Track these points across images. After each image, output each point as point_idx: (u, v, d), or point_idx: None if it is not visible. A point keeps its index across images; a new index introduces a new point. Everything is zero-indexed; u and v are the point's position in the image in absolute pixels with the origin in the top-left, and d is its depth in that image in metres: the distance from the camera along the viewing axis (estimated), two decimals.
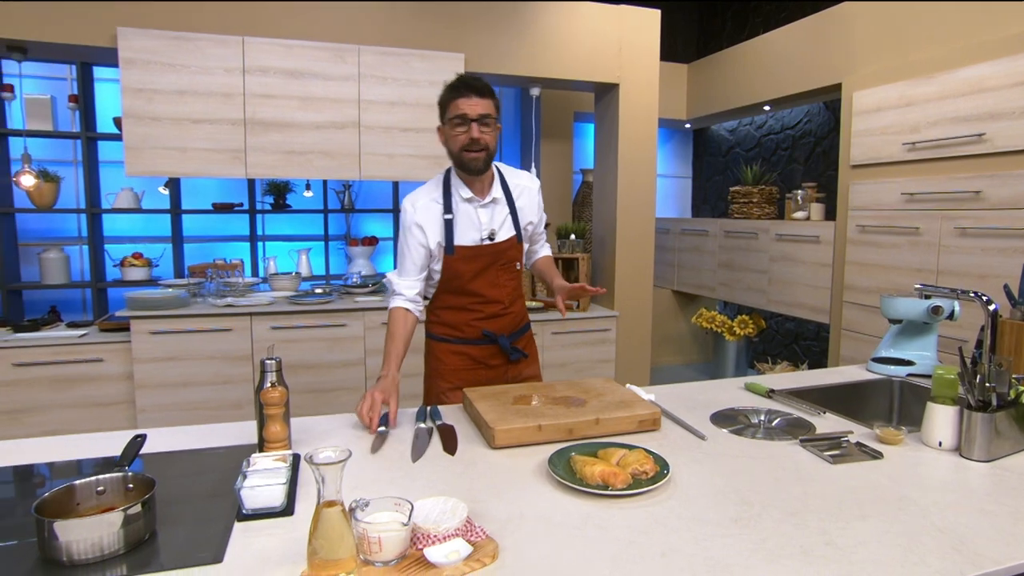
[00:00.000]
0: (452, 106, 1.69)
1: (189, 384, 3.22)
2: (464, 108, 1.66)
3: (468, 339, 1.89)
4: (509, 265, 1.88)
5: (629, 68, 3.84)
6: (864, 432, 1.54)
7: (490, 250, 1.82)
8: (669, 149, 5.61)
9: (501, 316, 1.89)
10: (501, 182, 1.85)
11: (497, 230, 1.82)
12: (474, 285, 1.83)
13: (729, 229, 4.40)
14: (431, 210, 1.79)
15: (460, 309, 1.88)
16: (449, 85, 1.72)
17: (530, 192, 1.90)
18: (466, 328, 1.88)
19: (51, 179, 3.89)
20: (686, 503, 1.16)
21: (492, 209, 1.82)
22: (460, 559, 0.94)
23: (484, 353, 1.91)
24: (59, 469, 1.34)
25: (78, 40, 3.06)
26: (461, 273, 1.81)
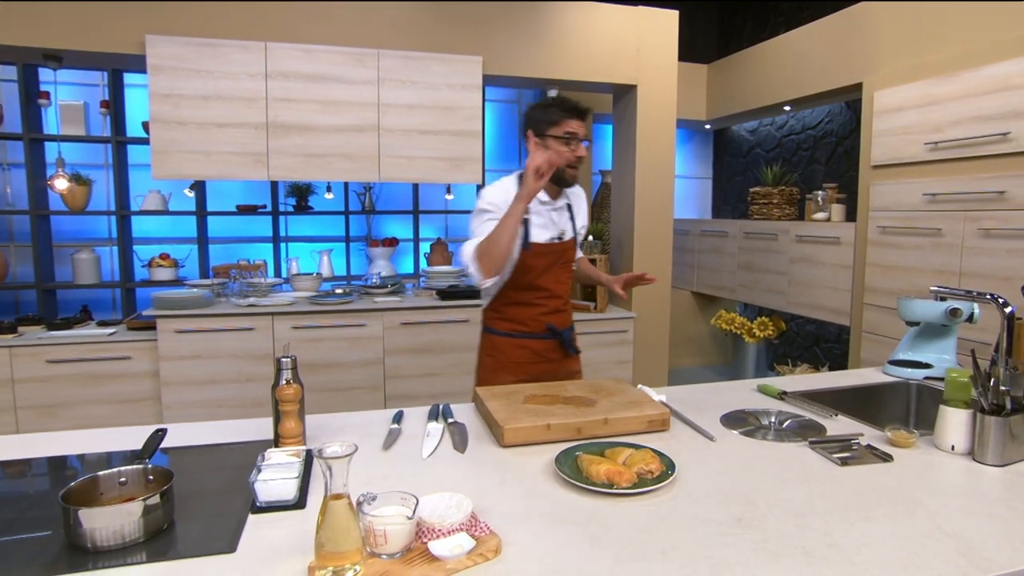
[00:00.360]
0: (565, 124, 1.87)
1: (213, 382, 3.30)
2: (575, 128, 1.87)
3: (532, 333, 2.00)
4: (568, 264, 2.05)
5: (647, 69, 3.84)
6: (876, 435, 1.53)
7: (558, 248, 1.97)
8: (689, 150, 5.58)
9: (562, 311, 2.04)
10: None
11: (564, 230, 2.00)
12: (542, 280, 1.96)
13: (749, 230, 4.36)
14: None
15: (527, 304, 1.99)
16: (560, 104, 1.88)
17: (580, 199, 2.09)
18: (531, 322, 1.99)
19: (83, 182, 4.02)
20: (690, 502, 1.17)
21: (560, 213, 1.99)
22: (463, 553, 0.96)
23: (545, 347, 2.02)
24: (89, 461, 1.40)
25: (109, 48, 3.16)
26: (533, 267, 1.93)
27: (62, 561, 0.98)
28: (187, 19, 3.21)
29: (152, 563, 0.98)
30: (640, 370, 4.04)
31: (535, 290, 1.97)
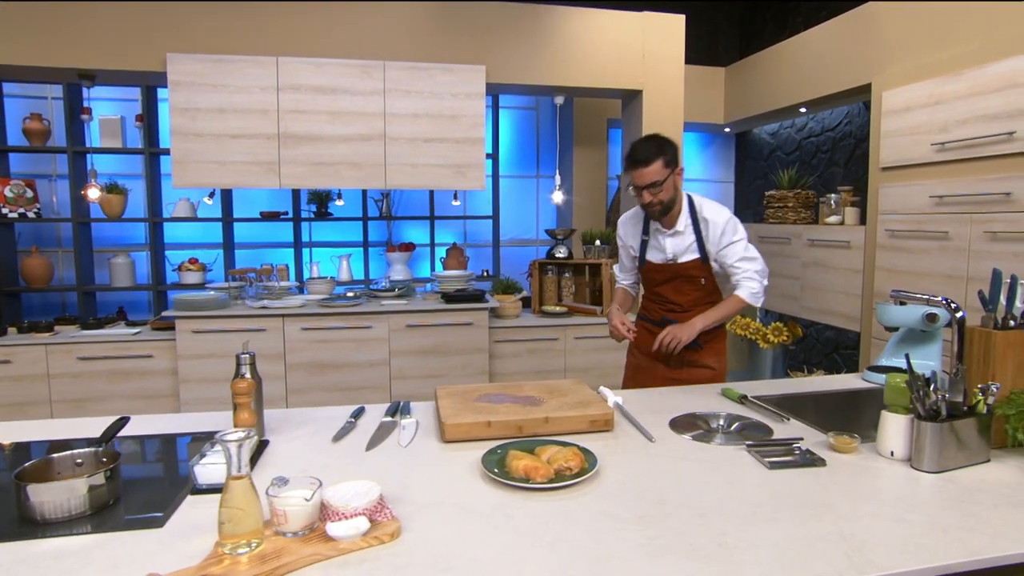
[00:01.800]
0: (629, 176, 2.10)
1: (227, 379, 3.45)
2: (635, 180, 2.07)
3: (654, 320, 2.33)
4: (693, 280, 2.23)
5: (652, 74, 3.84)
6: (820, 439, 1.52)
7: (673, 268, 2.23)
8: (711, 154, 5.52)
9: (680, 313, 2.26)
10: (691, 213, 2.18)
11: (680, 254, 2.21)
12: (660, 289, 2.29)
13: (763, 234, 4.29)
14: (635, 229, 2.31)
15: (652, 301, 2.36)
16: (625, 156, 2.12)
17: (713, 225, 2.17)
18: (654, 312, 2.34)
19: (119, 191, 4.29)
20: (601, 499, 1.20)
21: (677, 239, 2.20)
22: (358, 534, 1.03)
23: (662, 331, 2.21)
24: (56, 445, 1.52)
25: (135, 67, 3.39)
26: (650, 280, 2.31)
27: (13, 530, 1.09)
28: (205, 37, 3.41)
29: (93, 534, 1.08)
30: None
31: (655, 295, 2.32)
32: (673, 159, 2.08)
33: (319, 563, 0.98)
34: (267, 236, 4.70)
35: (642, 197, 2.08)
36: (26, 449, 1.51)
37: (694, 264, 2.20)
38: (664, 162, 2.04)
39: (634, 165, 2.05)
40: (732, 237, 2.17)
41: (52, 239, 4.51)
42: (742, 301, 2.18)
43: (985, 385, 1.40)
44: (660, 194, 2.06)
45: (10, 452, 1.48)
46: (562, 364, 3.94)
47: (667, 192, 2.07)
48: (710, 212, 2.18)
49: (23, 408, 3.42)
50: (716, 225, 2.16)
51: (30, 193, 4.22)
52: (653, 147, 2.05)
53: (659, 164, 2.03)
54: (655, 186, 2.04)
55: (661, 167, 2.04)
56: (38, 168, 4.43)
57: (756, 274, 2.20)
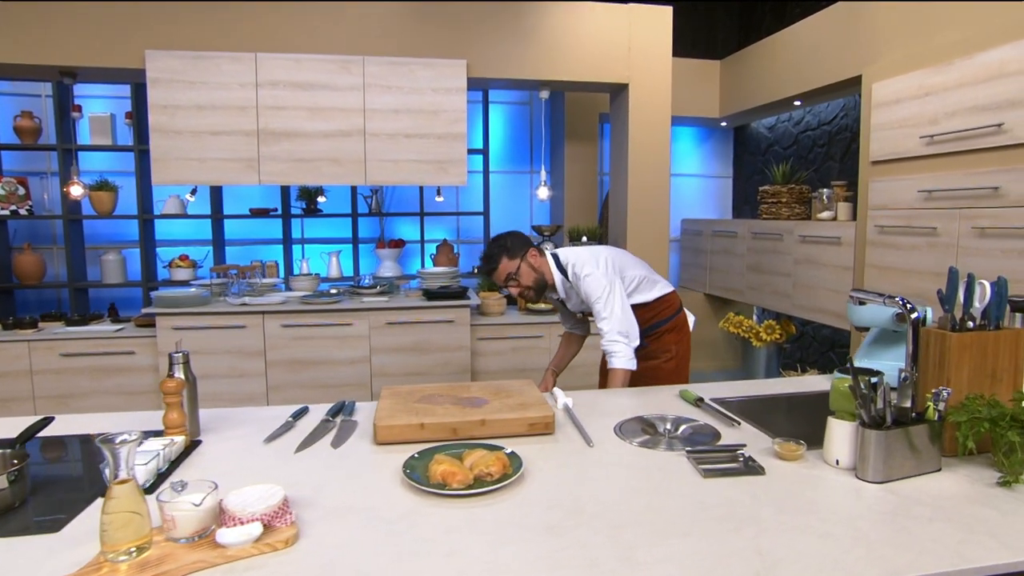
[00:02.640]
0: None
1: (207, 376, 3.46)
2: (494, 280, 2.22)
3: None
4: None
5: (639, 67, 3.77)
6: (767, 446, 1.45)
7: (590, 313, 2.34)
8: (708, 148, 5.42)
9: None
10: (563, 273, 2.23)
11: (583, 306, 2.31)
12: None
13: (757, 230, 4.20)
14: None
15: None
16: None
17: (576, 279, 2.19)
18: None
19: (110, 188, 4.31)
20: (515, 508, 1.16)
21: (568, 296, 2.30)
22: (248, 541, 0.99)
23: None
24: None
25: (114, 64, 3.38)
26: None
27: None
28: (184, 34, 3.40)
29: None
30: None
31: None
32: (518, 247, 2.17)
33: (203, 571, 0.95)
34: (260, 232, 4.69)
35: (511, 291, 2.21)
36: None
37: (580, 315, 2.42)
38: (508, 257, 2.16)
39: (486, 271, 2.22)
40: (592, 295, 2.14)
41: (47, 236, 4.54)
42: (617, 372, 2.10)
43: (937, 390, 1.33)
44: (521, 281, 2.18)
45: None
46: (547, 362, 3.87)
47: (527, 277, 2.18)
48: (571, 272, 2.20)
49: (6, 404, 3.44)
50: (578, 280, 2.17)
51: (22, 190, 4.24)
52: (494, 249, 2.18)
53: (504, 261, 2.16)
54: (512, 279, 2.17)
55: (508, 262, 2.16)
56: (31, 166, 4.47)
57: (619, 335, 2.10)
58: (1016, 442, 1.25)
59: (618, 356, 2.09)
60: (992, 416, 1.29)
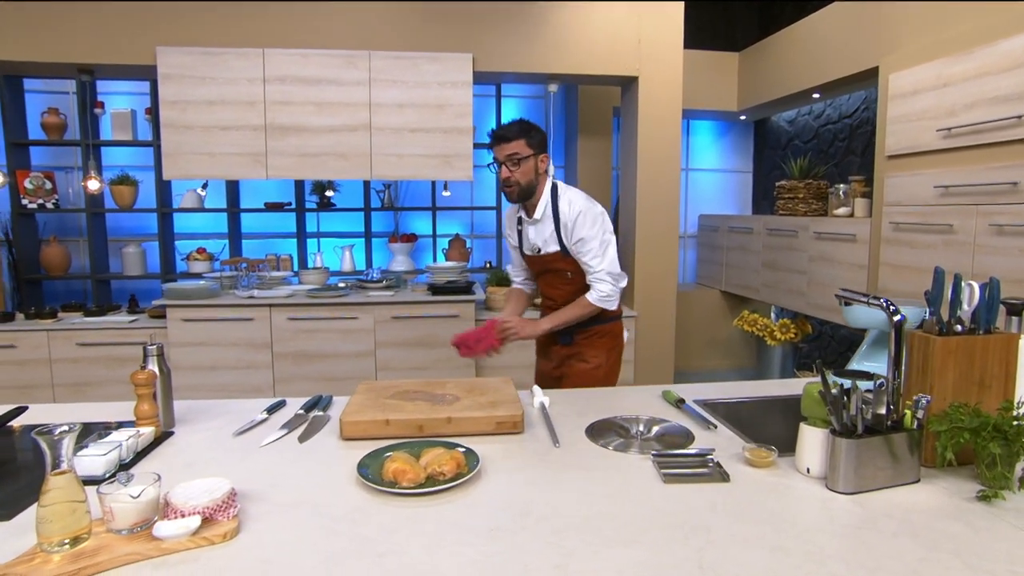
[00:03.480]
0: (495, 151, 2.07)
1: (216, 367, 3.53)
2: (496, 154, 2.05)
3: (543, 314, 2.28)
4: (560, 273, 2.16)
5: (649, 60, 3.69)
6: (739, 451, 1.40)
7: (539, 260, 2.19)
8: (727, 143, 5.29)
9: (555, 308, 2.20)
10: (553, 201, 2.10)
11: (541, 246, 2.14)
12: (538, 281, 2.30)
13: (772, 226, 4.08)
14: (512, 220, 2.26)
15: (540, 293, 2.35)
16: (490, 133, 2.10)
17: (563, 215, 2.09)
18: (543, 306, 2.33)
19: (130, 183, 4.41)
20: (463, 508, 1.14)
21: (538, 227, 2.13)
22: (186, 534, 1.00)
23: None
24: None
25: (127, 60, 3.46)
26: (530, 269, 2.29)
27: None
28: (194, 31, 3.45)
29: None
30: (642, 371, 3.90)
31: (540, 287, 2.31)
32: (538, 145, 2.05)
33: (135, 563, 0.95)
34: (276, 226, 4.76)
35: (501, 172, 2.05)
36: None
37: (555, 256, 2.13)
38: (527, 142, 2.02)
39: (496, 140, 2.04)
40: (583, 233, 2.05)
41: (73, 229, 4.68)
42: (588, 304, 2.08)
43: (918, 397, 1.26)
44: (518, 171, 2.02)
45: None
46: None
47: (526, 173, 2.04)
48: (565, 203, 2.09)
49: (27, 391, 3.56)
50: (566, 216, 2.08)
51: (49, 184, 4.38)
52: (517, 126, 2.04)
53: (521, 142, 2.02)
54: (514, 160, 2.01)
55: (523, 145, 2.02)
56: (58, 161, 4.60)
57: (608, 276, 2.08)
58: (998, 454, 1.18)
59: (599, 292, 2.07)
60: (974, 426, 1.22)
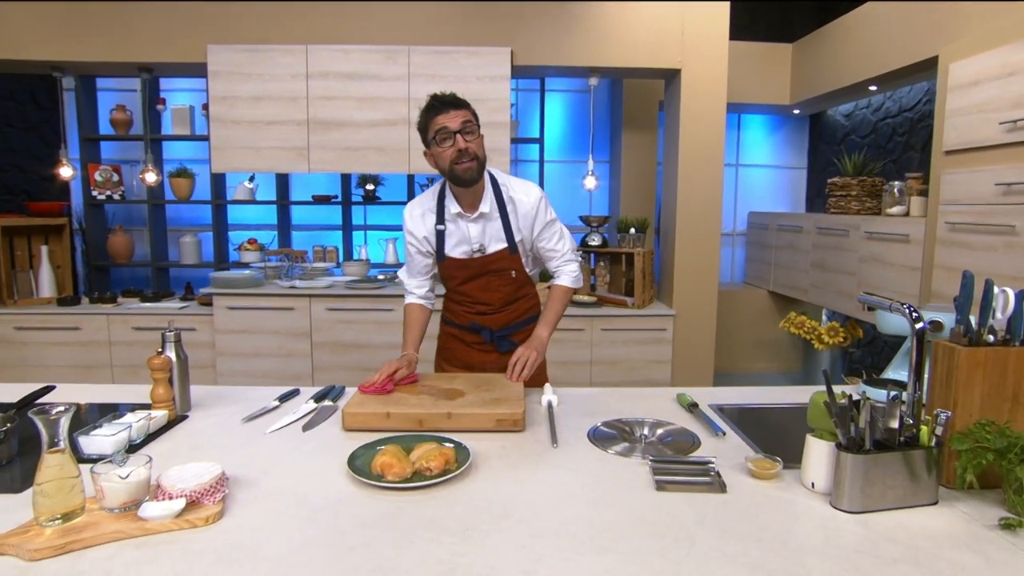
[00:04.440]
0: (432, 124, 1.73)
1: (258, 354, 3.66)
2: (444, 122, 1.70)
3: (461, 325, 2.02)
4: (503, 274, 1.92)
5: (692, 52, 3.57)
6: (741, 461, 1.34)
7: (479, 261, 1.89)
8: (780, 138, 5.08)
9: (490, 315, 1.98)
10: (495, 193, 1.86)
11: (487, 244, 1.88)
12: (464, 288, 1.94)
13: (822, 225, 3.89)
14: (426, 220, 1.89)
15: (456, 302, 2.02)
16: (426, 106, 1.75)
17: (523, 205, 1.86)
18: (460, 316, 2.01)
19: (187, 175, 4.62)
20: (443, 506, 1.13)
21: (482, 224, 1.86)
22: (169, 516, 1.03)
23: (475, 339, 2.01)
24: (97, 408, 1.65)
25: (182, 59, 3.62)
26: (452, 276, 1.94)
27: None
28: (241, 28, 3.57)
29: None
30: (680, 371, 3.80)
31: (459, 294, 1.99)
32: (477, 118, 1.78)
33: (119, 541, 0.99)
34: (325, 219, 4.89)
35: (455, 142, 1.70)
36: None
37: (502, 255, 1.88)
38: (472, 113, 1.75)
39: (442, 106, 1.71)
40: (546, 217, 1.89)
41: (138, 219, 4.94)
42: (569, 291, 1.93)
43: (937, 412, 1.17)
44: (473, 143, 1.73)
45: None
46: (587, 356, 3.80)
47: (480, 144, 1.76)
48: (519, 191, 1.86)
49: (90, 371, 3.80)
50: (527, 205, 1.85)
51: (116, 177, 4.63)
52: (457, 96, 1.76)
53: (468, 111, 1.73)
54: (468, 129, 1.71)
55: (471, 114, 1.74)
56: (124, 154, 4.87)
57: (572, 254, 1.94)
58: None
59: (571, 274, 1.95)
60: (1000, 447, 1.13)
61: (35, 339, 3.78)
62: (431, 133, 1.74)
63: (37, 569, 0.92)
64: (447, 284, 2.00)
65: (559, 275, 1.98)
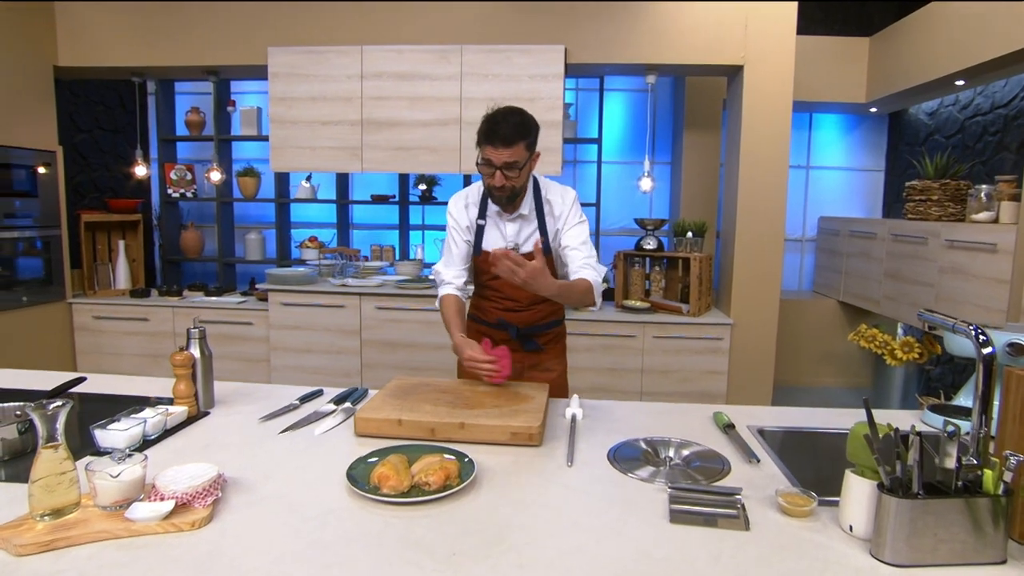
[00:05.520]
0: (483, 150, 1.78)
1: (310, 351, 3.73)
2: (491, 156, 1.74)
3: (488, 322, 2.03)
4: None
5: (756, 48, 3.36)
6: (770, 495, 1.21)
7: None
8: (856, 138, 4.74)
9: (518, 312, 2.00)
10: (535, 195, 1.92)
11: (522, 243, 1.93)
12: (495, 283, 1.96)
13: (898, 232, 3.58)
14: (469, 211, 1.96)
15: (484, 298, 2.04)
16: (482, 128, 1.77)
17: (557, 205, 1.92)
18: (488, 312, 2.03)
19: (253, 174, 4.79)
20: (435, 525, 1.07)
21: (519, 223, 1.92)
22: (156, 518, 1.02)
23: (502, 335, 2.00)
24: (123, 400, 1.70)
25: (244, 61, 3.73)
26: (485, 271, 1.96)
27: None
28: (300, 31, 3.65)
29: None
30: (736, 384, 3.60)
31: (489, 289, 2.00)
32: (535, 142, 1.80)
33: (103, 541, 0.99)
34: (384, 218, 4.96)
35: (494, 179, 1.77)
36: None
37: (534, 255, 1.85)
38: (526, 144, 1.75)
39: (492, 140, 1.72)
40: (575, 218, 1.90)
41: (209, 216, 5.18)
42: (590, 288, 1.80)
43: (1007, 454, 1.01)
44: (515, 179, 1.77)
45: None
46: (639, 363, 3.66)
47: (523, 178, 1.80)
48: (556, 194, 1.92)
49: (156, 360, 3.99)
50: (561, 206, 1.90)
51: (189, 176, 4.86)
52: (517, 125, 1.73)
53: (521, 146, 1.74)
54: (511, 168, 1.74)
55: (523, 149, 1.74)
56: (197, 154, 5.11)
57: (596, 263, 1.87)
58: None
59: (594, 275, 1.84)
60: None
61: (110, 328, 4.00)
62: (479, 153, 1.79)
63: (19, 565, 0.92)
64: (479, 278, 2.03)
65: (583, 270, 1.85)
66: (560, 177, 4.32)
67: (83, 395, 1.68)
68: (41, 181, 3.84)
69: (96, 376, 1.82)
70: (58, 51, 3.86)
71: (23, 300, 3.74)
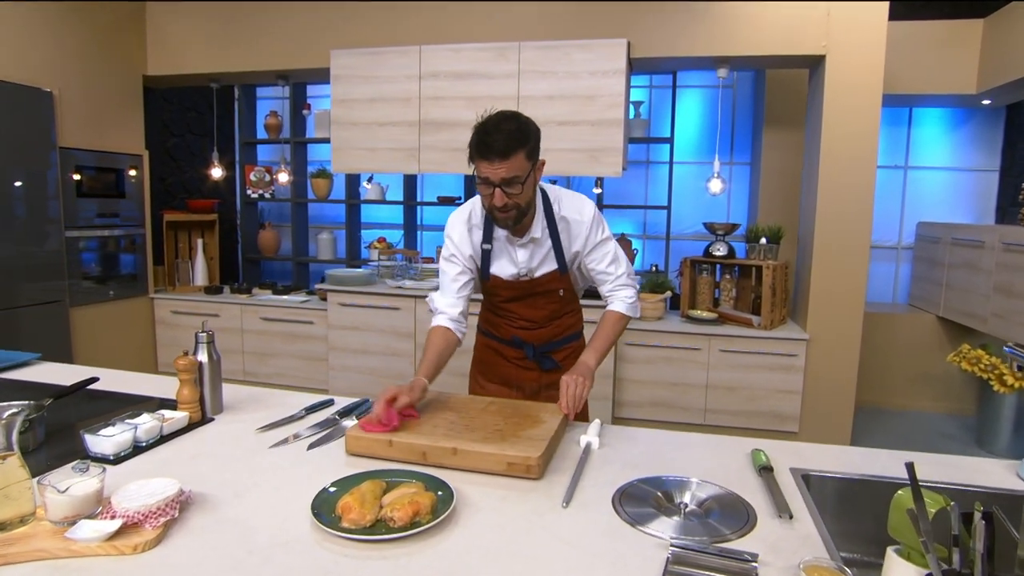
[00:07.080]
0: (477, 166, 1.55)
1: (366, 352, 3.75)
2: (487, 172, 1.52)
3: (502, 339, 1.91)
4: (549, 294, 1.81)
5: (840, 35, 3.02)
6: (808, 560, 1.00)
7: (526, 284, 1.77)
8: (965, 134, 4.19)
9: (533, 330, 1.86)
10: (547, 214, 1.70)
11: (535, 267, 1.75)
12: (508, 306, 1.83)
13: (1010, 240, 3.10)
14: (472, 236, 1.75)
15: (495, 314, 1.91)
16: (473, 140, 1.56)
17: (575, 225, 1.71)
18: (502, 329, 1.90)
19: (326, 176, 4.90)
20: (387, 570, 0.96)
21: (531, 248, 1.72)
22: (97, 539, 0.97)
23: (516, 354, 1.90)
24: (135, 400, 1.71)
25: (310, 65, 3.81)
26: (496, 293, 1.82)
27: None
28: (361, 33, 3.67)
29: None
30: (811, 405, 3.26)
31: (502, 311, 1.87)
32: (536, 149, 1.54)
33: (40, 560, 0.95)
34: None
35: (493, 198, 1.53)
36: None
37: (552, 277, 1.74)
38: (526, 153, 1.50)
39: (486, 154, 1.49)
40: (599, 236, 1.71)
41: (286, 216, 5.37)
42: (623, 318, 1.72)
43: None
44: (518, 196, 1.53)
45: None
46: (703, 379, 3.40)
47: (527, 193, 1.55)
48: (571, 209, 1.69)
49: (225, 355, 4.10)
50: (580, 225, 1.69)
51: (268, 177, 5.06)
52: (513, 132, 1.49)
53: (520, 156, 1.49)
54: (513, 184, 1.50)
55: (523, 160, 1.50)
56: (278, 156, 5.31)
57: (628, 278, 1.74)
58: None
59: (626, 301, 1.73)
60: None
61: (186, 323, 4.21)
62: (474, 169, 1.57)
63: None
64: (489, 298, 1.88)
65: (612, 300, 1.76)
66: (627, 178, 4.12)
67: (94, 392, 1.68)
68: (130, 183, 4.09)
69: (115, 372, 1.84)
70: (148, 61, 4.10)
71: (110, 294, 4.00)
